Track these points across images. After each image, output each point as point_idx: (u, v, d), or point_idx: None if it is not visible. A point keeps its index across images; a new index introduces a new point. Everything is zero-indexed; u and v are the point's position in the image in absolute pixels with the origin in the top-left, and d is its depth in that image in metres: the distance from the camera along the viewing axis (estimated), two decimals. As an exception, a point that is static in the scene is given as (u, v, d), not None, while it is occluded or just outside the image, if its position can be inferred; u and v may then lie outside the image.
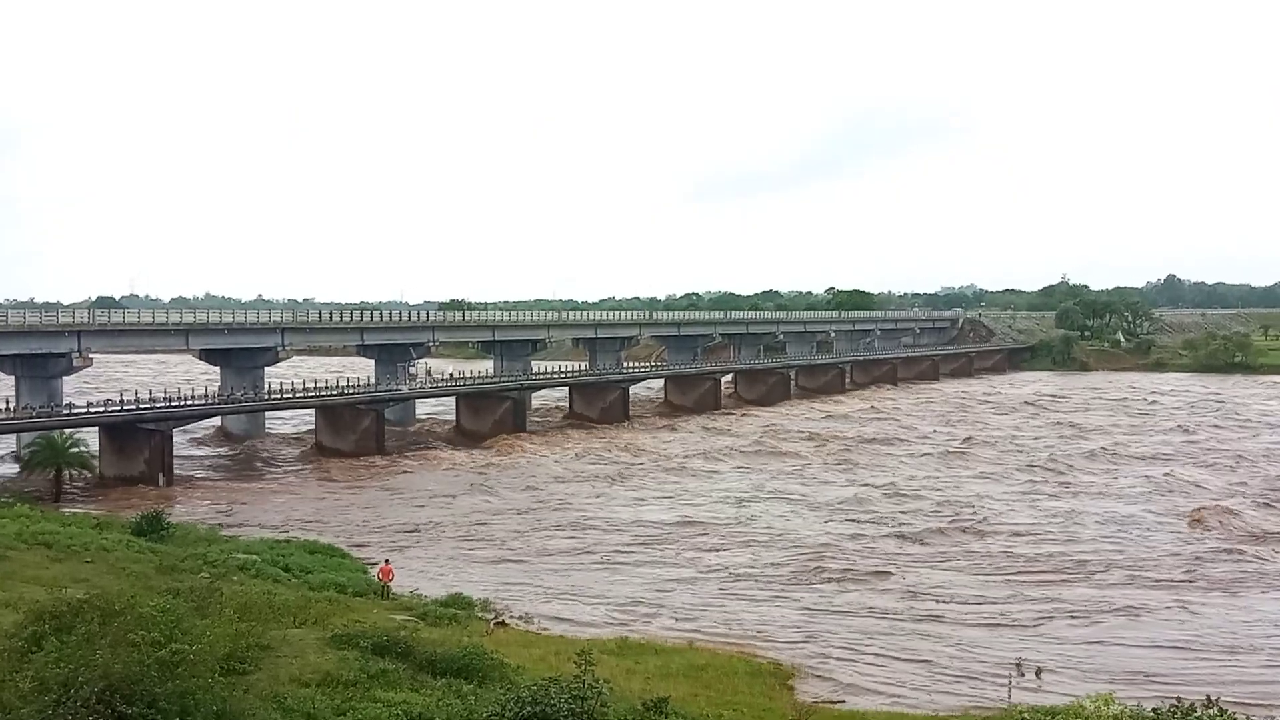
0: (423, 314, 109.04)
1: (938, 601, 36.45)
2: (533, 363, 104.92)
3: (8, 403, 63.40)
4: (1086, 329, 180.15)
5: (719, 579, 39.76)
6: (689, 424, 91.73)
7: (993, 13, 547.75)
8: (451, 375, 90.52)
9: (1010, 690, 26.23)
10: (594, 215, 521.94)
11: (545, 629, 31.85)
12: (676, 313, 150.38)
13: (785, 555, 43.42)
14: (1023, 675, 28.26)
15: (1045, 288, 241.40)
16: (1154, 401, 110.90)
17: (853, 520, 51.09)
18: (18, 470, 60.88)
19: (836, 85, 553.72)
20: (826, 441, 79.70)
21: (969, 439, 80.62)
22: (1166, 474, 63.59)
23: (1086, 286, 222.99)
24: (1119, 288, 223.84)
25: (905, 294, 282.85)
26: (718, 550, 44.74)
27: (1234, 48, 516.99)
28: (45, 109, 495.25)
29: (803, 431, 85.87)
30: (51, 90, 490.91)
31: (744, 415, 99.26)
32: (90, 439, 61.27)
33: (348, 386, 78.27)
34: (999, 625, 33.92)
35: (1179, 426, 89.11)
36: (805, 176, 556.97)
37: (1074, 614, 35.16)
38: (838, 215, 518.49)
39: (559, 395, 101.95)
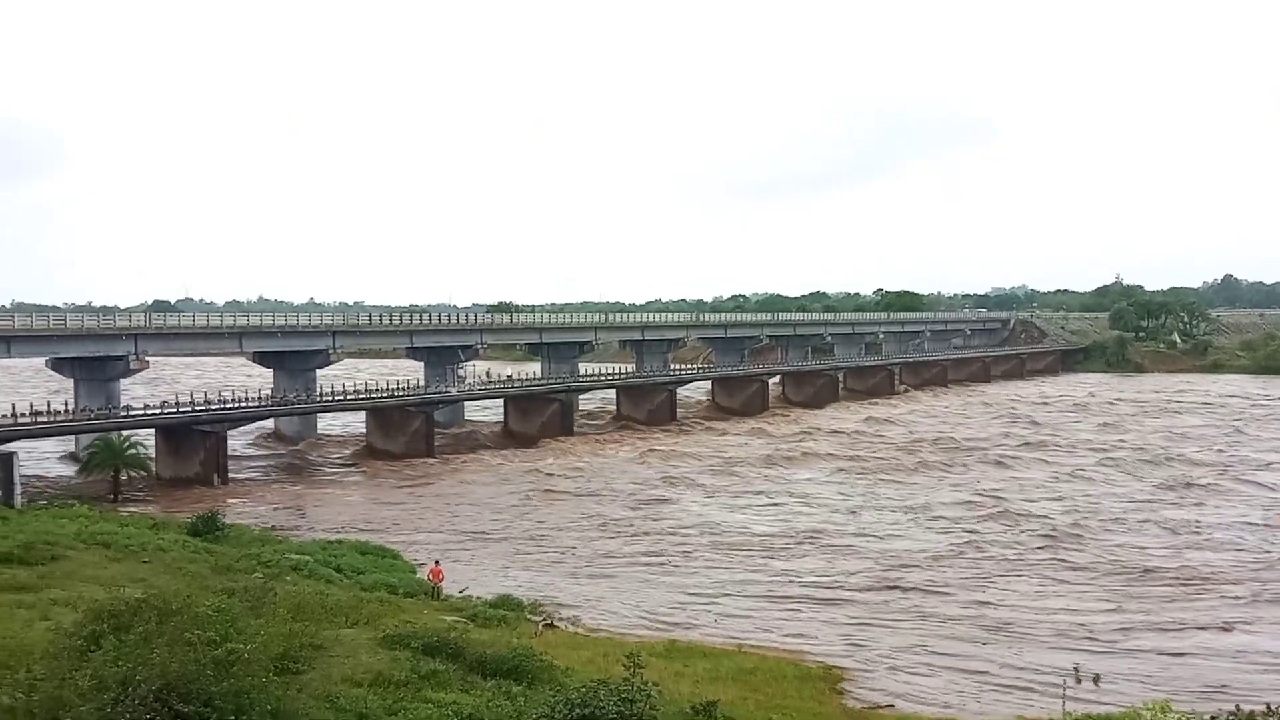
0: (471, 316, 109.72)
1: (1010, 610, 35.63)
2: (580, 364, 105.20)
3: (67, 405, 64.77)
4: (1141, 330, 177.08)
5: (777, 583, 39.50)
6: (739, 426, 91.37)
7: (1042, 9, 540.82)
8: (508, 376, 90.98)
9: (1064, 698, 25.80)
10: (641, 216, 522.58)
11: (594, 631, 31.88)
12: (723, 314, 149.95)
13: (858, 563, 42.65)
14: (1079, 683, 27.74)
15: (1099, 288, 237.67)
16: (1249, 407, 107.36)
17: (940, 526, 50.19)
18: (77, 471, 62.03)
19: (884, 84, 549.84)
20: (876, 444, 79.09)
21: (1067, 444, 78.76)
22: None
23: (1141, 287, 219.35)
24: (1174, 288, 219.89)
25: (955, 295, 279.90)
26: (780, 555, 44.45)
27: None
28: (95, 113, 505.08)
29: (851, 431, 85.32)
30: (102, 94, 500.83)
31: (791, 417, 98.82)
32: (147, 440, 62.33)
33: (398, 389, 78.96)
34: (1070, 635, 32.85)
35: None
36: (853, 177, 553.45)
37: (1163, 627, 34.02)
38: (886, 216, 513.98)
39: (606, 397, 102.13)
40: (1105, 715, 23.88)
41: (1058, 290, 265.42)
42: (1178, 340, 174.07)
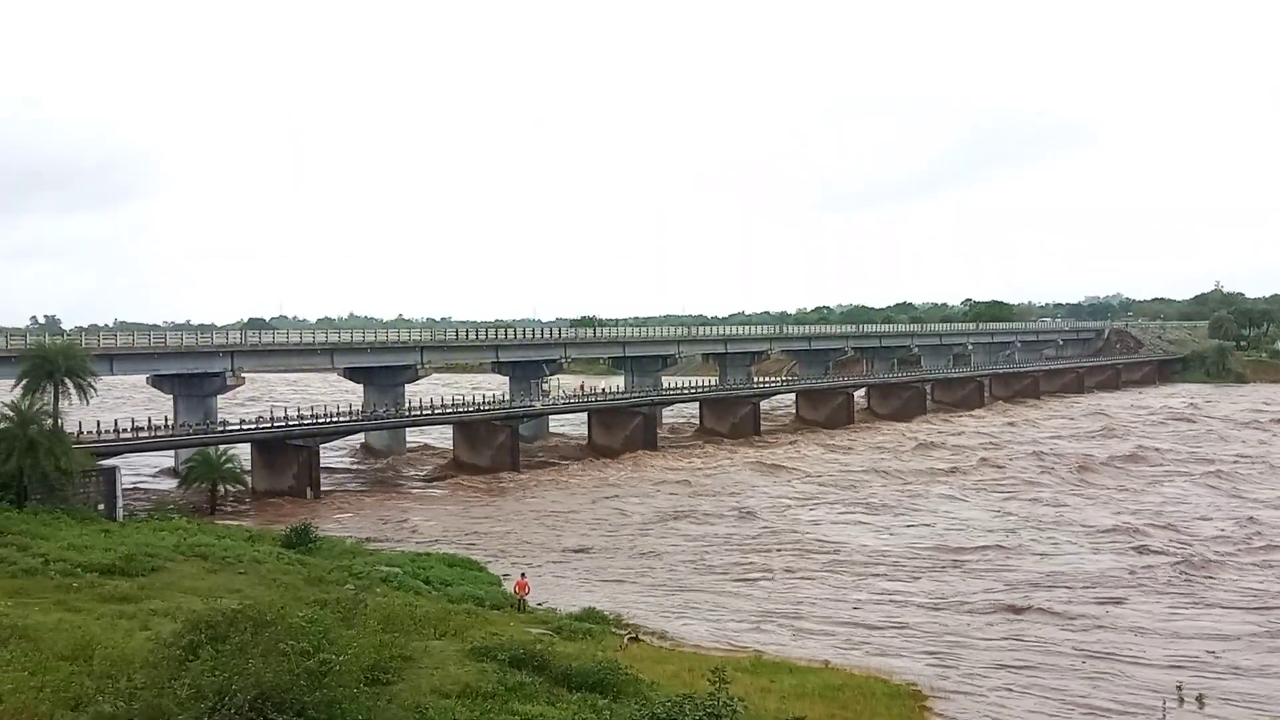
0: (555, 331, 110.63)
1: (1121, 633, 34.12)
2: (663, 378, 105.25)
3: (166, 420, 66.77)
4: (1242, 339, 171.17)
5: (876, 601, 39.00)
6: (828, 439, 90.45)
7: (1136, 11, 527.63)
8: (592, 388, 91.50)
9: (1164, 715, 24.97)
10: (724, 229, 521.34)
11: (679, 645, 31.76)
12: (806, 326, 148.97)
13: (975, 584, 41.47)
14: (1181, 704, 26.79)
15: (1197, 296, 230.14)
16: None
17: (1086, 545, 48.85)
18: (176, 485, 63.83)
19: (973, 89, 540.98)
20: (979, 457, 77.66)
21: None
22: None
23: (1242, 294, 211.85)
24: (1277, 295, 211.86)
25: (1046, 304, 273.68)
26: (885, 576, 43.77)
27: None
28: (191, 135, 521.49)
29: (956, 445, 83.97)
30: (197, 116, 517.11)
31: (881, 429, 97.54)
32: (243, 454, 63.91)
33: (484, 403, 79.86)
34: (1185, 665, 30.89)
35: None
36: (939, 185, 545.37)
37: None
38: (973, 225, 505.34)
39: (689, 410, 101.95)
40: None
41: (1154, 298, 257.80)
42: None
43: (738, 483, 67.60)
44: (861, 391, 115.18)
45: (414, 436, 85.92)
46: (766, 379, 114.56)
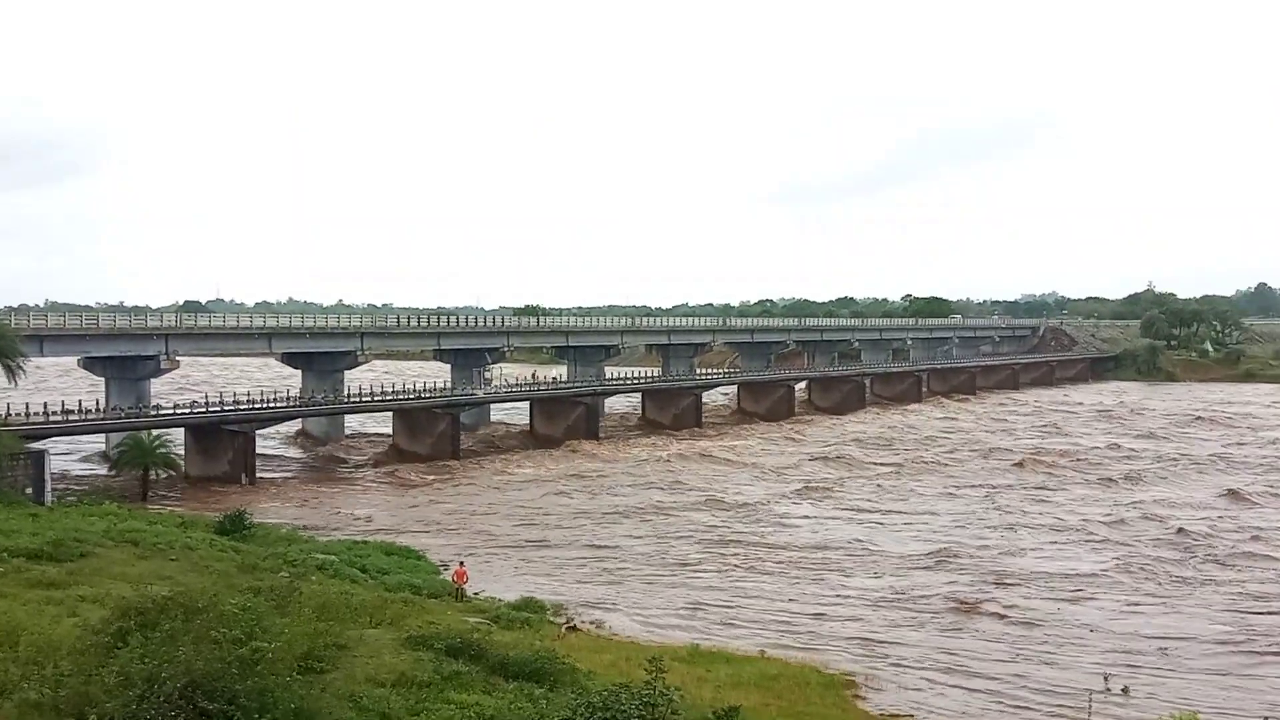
0: (498, 319, 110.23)
1: (1068, 629, 34.49)
2: (606, 368, 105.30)
3: (98, 403, 65.44)
4: (1173, 338, 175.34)
5: (817, 593, 39.34)
6: (769, 431, 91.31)
7: (1074, 17, 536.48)
8: (543, 377, 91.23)
9: (1090, 707, 25.60)
10: (669, 221, 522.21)
11: (616, 634, 31.86)
12: (750, 319, 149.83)
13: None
14: (1109, 692, 27.47)
15: (1130, 296, 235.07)
16: None
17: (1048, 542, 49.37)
18: (107, 469, 62.63)
19: (915, 90, 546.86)
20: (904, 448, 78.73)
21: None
22: None
23: (1173, 294, 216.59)
24: (1207, 296, 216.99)
25: (984, 301, 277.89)
26: (799, 565, 44.37)
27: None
28: (128, 116, 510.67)
29: (888, 439, 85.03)
30: (136, 97, 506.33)
31: (821, 422, 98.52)
32: (177, 440, 62.87)
33: (424, 390, 79.35)
34: (1127, 662, 31.21)
35: None
36: (882, 183, 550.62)
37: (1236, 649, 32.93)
38: (915, 222, 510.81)
39: (631, 401, 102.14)
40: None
41: (1089, 297, 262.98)
42: (1210, 349, 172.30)
43: (678, 473, 67.87)
44: (802, 384, 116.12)
45: (353, 423, 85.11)
46: (709, 370, 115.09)
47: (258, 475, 63.48)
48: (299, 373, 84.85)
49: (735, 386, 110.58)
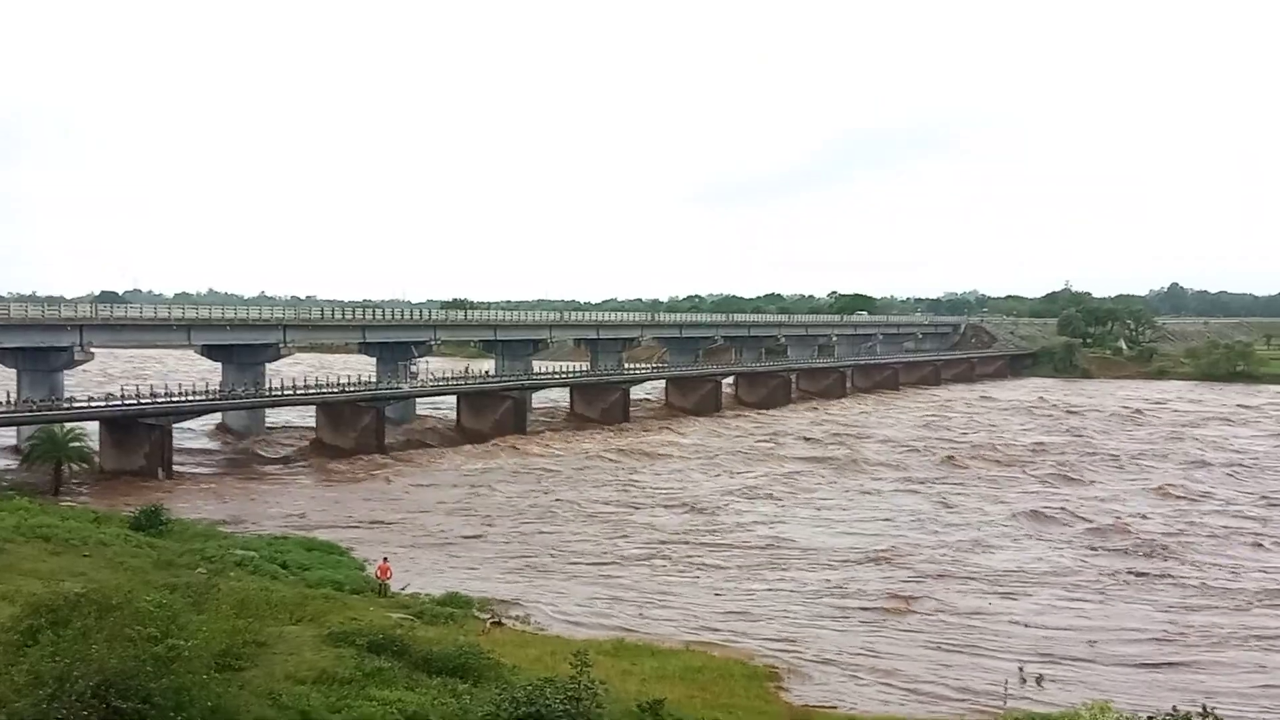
0: (425, 312, 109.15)
1: (995, 622, 35.04)
2: (534, 362, 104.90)
3: (9, 396, 63.52)
4: (1089, 336, 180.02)
5: (746, 585, 39.59)
6: (692, 426, 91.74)
7: (994, 21, 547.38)
8: (476, 370, 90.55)
9: (1005, 697, 26.19)
10: (597, 216, 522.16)
11: (542, 629, 31.83)
12: (678, 314, 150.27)
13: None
14: (1024, 684, 28.15)
15: (1048, 294, 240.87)
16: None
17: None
18: (18, 463, 60.89)
19: (840, 93, 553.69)
20: (778, 440, 79.67)
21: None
22: None
23: (1089, 294, 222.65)
24: (1122, 295, 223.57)
25: (908, 299, 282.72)
26: (700, 545, 44.68)
27: (1238, 55, 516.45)
28: (44, 102, 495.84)
29: (796, 432, 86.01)
30: (52, 83, 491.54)
31: (749, 417, 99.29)
32: (91, 433, 61.29)
33: (348, 384, 78.25)
34: (1048, 656, 31.67)
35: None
36: (811, 182, 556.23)
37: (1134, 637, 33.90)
38: (841, 220, 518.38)
39: (560, 395, 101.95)
40: (1045, 715, 24.27)
41: (1008, 296, 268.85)
42: (1124, 347, 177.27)
43: (606, 468, 67.96)
44: (730, 379, 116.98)
45: (275, 417, 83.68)
46: (637, 365, 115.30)
47: (175, 470, 62.14)
48: (219, 365, 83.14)
49: (664, 381, 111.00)
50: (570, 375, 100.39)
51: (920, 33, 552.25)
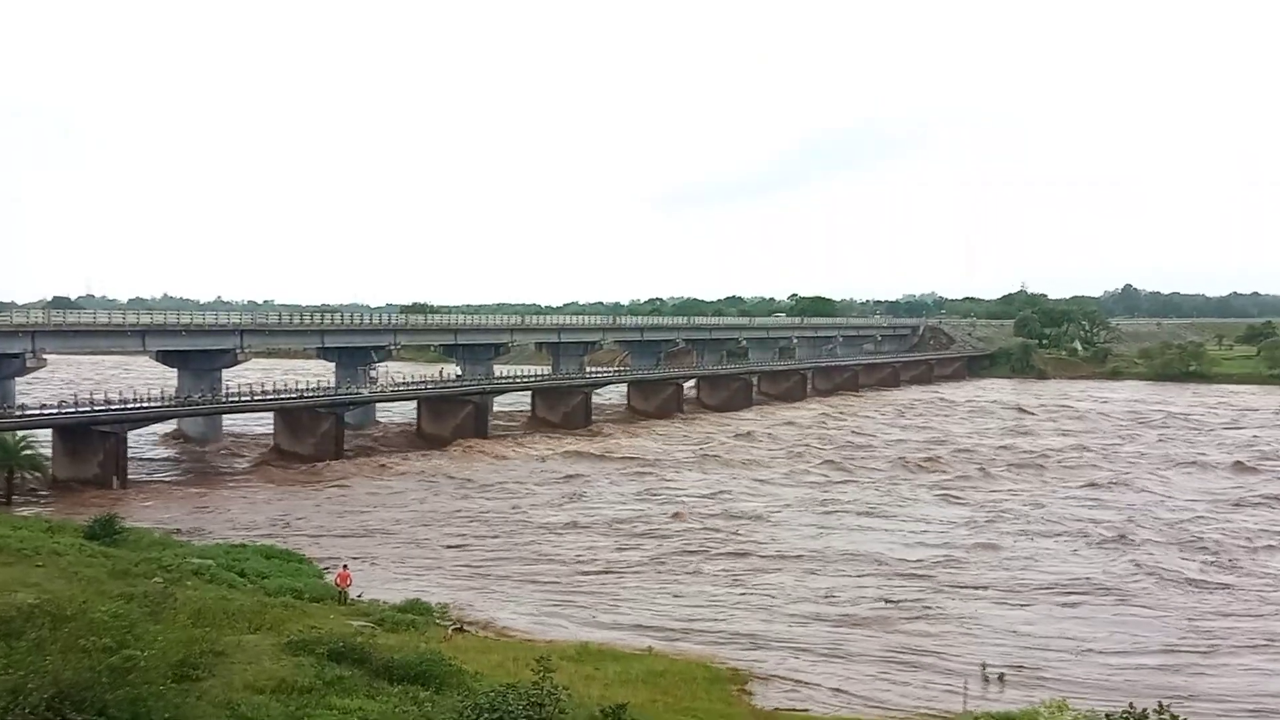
0: (384, 317, 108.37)
1: (965, 627, 35.06)
2: (495, 367, 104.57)
3: (-42, 404, 62.36)
4: (1045, 337, 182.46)
5: (710, 590, 39.59)
6: (659, 429, 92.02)
7: (950, 25, 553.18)
8: (439, 375, 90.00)
9: (965, 696, 26.43)
10: (558, 219, 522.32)
11: (504, 635, 31.71)
12: (640, 318, 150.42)
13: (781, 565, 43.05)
14: (986, 682, 28.41)
15: (1005, 296, 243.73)
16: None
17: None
18: (-32, 472, 59.67)
19: (800, 99, 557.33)
20: (757, 442, 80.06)
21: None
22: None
23: (1045, 295, 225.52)
24: (1077, 297, 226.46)
25: (867, 301, 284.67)
26: (676, 553, 44.74)
27: (1190, 61, 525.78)
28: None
29: (768, 433, 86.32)
30: (7, 82, 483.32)
31: (710, 420, 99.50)
32: (44, 441, 60.26)
33: (306, 389, 77.59)
34: (1018, 659, 31.59)
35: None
36: (770, 187, 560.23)
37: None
38: (801, 224, 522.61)
39: (521, 400, 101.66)
40: (1006, 713, 24.51)
41: (966, 298, 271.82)
42: (1079, 348, 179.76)
43: (568, 471, 67.80)
44: (691, 383, 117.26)
45: (232, 424, 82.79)
46: (599, 369, 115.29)
47: (130, 478, 61.33)
48: (175, 372, 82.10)
49: (625, 385, 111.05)
50: (532, 379, 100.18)
51: (873, 37, 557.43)
